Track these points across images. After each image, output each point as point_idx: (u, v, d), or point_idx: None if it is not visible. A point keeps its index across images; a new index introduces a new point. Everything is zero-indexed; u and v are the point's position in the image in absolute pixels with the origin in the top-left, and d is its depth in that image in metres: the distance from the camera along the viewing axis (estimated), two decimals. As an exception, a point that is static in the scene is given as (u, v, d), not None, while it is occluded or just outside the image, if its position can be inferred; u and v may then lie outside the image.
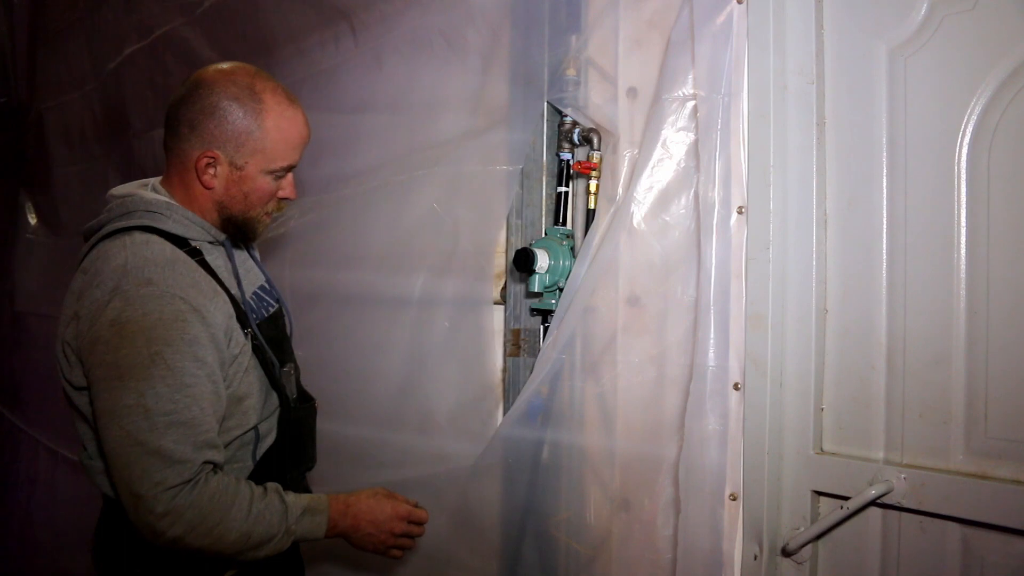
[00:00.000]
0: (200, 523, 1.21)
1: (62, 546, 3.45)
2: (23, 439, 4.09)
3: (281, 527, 1.29)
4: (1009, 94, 1.12)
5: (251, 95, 1.30)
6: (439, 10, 1.80)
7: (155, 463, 1.17)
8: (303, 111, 1.37)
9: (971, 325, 1.15)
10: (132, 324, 1.18)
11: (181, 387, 1.19)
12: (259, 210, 1.38)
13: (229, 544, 1.24)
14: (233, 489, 1.25)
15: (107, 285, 1.22)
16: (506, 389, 1.73)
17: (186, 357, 1.20)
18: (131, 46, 3.03)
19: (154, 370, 1.18)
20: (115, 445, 1.19)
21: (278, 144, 1.32)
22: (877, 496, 1.18)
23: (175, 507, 1.18)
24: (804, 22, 1.30)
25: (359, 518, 1.40)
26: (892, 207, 1.23)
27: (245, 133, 1.30)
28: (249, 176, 1.33)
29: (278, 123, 1.32)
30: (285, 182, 1.38)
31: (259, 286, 1.46)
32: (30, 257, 4.20)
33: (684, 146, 1.41)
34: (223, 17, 2.49)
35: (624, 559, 1.47)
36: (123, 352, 1.18)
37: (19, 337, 4.28)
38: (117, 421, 1.18)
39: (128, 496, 1.20)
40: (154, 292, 1.21)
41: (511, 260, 1.65)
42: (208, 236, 1.36)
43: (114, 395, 1.18)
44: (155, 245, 1.27)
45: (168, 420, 1.18)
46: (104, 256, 1.27)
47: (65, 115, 3.77)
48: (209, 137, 1.30)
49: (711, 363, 1.34)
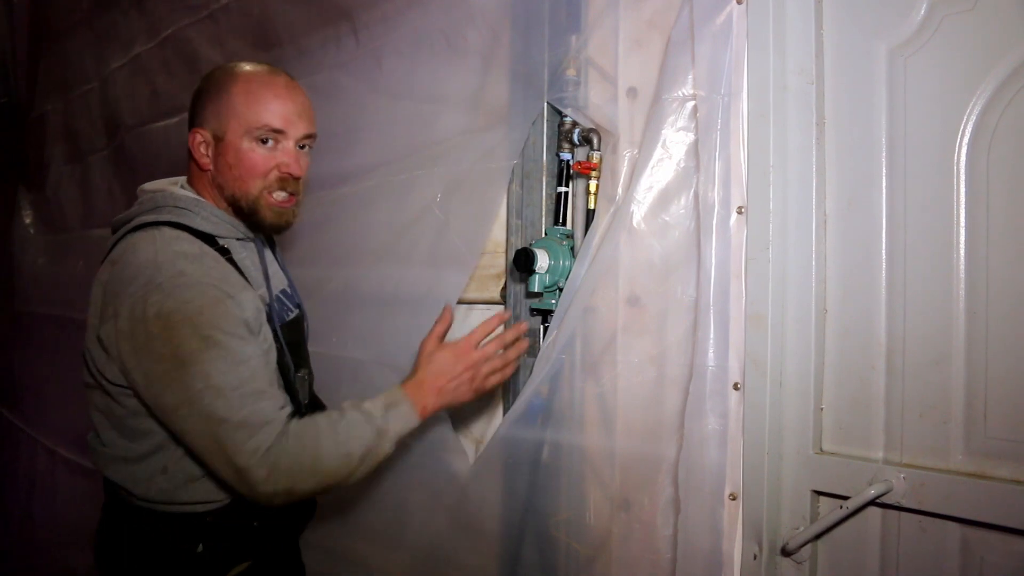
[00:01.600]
0: (298, 467, 1.22)
1: (61, 545, 3.45)
2: (22, 439, 4.09)
3: (372, 432, 1.28)
4: (1009, 94, 1.12)
5: (228, 73, 1.35)
6: (440, 10, 1.80)
7: (243, 434, 1.18)
8: (288, 79, 1.37)
9: (971, 325, 1.15)
10: (176, 314, 1.19)
11: (239, 362, 1.21)
12: (257, 185, 1.33)
13: (335, 471, 1.25)
14: (311, 423, 1.26)
15: (140, 280, 1.22)
16: (506, 389, 1.73)
17: (234, 336, 1.22)
18: (139, 47, 3.04)
19: (210, 352, 1.19)
20: (200, 430, 1.20)
21: (249, 105, 1.31)
22: (877, 496, 1.18)
23: (272, 464, 1.19)
24: (804, 22, 1.31)
25: (437, 384, 1.38)
26: (892, 207, 1.23)
27: (218, 102, 1.33)
28: (231, 144, 1.32)
29: (247, 86, 1.33)
30: (282, 153, 1.33)
31: (281, 290, 1.47)
32: (29, 257, 4.20)
33: (684, 146, 1.41)
34: (228, 18, 2.50)
35: (624, 559, 1.47)
36: (175, 342, 1.19)
37: (18, 336, 4.28)
38: (194, 408, 1.19)
39: (232, 474, 1.21)
40: (189, 281, 1.22)
41: (511, 260, 1.65)
42: (237, 233, 1.37)
43: (181, 385, 1.19)
44: (184, 241, 1.28)
45: (241, 393, 1.19)
46: (133, 248, 1.28)
47: (65, 115, 3.78)
48: (196, 118, 1.35)
49: (711, 363, 1.34)
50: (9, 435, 4.29)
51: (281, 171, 1.34)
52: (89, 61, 3.47)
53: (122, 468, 1.33)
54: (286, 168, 1.34)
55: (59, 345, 3.63)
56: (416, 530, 1.83)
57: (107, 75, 3.30)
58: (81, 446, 3.34)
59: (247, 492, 1.22)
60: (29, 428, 4.03)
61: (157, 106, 2.94)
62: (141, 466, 1.31)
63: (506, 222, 1.73)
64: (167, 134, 2.85)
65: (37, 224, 4.19)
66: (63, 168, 3.81)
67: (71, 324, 3.47)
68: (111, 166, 3.35)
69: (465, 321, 1.84)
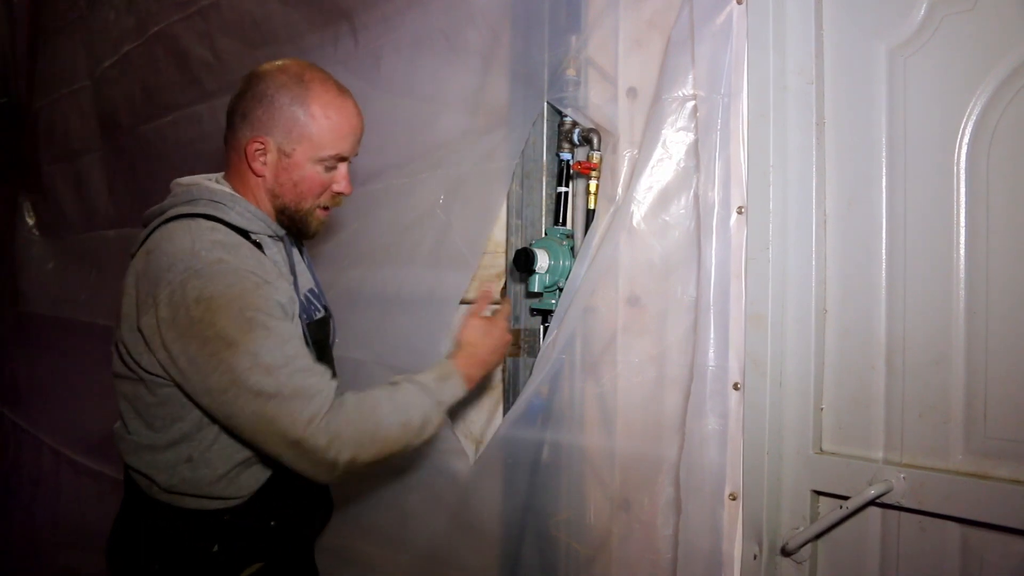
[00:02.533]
0: (361, 436, 1.23)
1: (65, 545, 3.46)
2: (25, 439, 4.10)
3: (428, 402, 1.31)
4: (1009, 94, 1.12)
5: (299, 82, 1.33)
6: (440, 10, 1.80)
7: (297, 405, 1.19)
8: (354, 102, 1.38)
9: (970, 325, 1.15)
10: (219, 297, 1.20)
11: (284, 341, 1.22)
12: (311, 202, 1.38)
13: (396, 439, 1.27)
14: (368, 395, 1.28)
15: (179, 267, 1.22)
16: (506, 389, 1.73)
17: (276, 317, 1.23)
18: (129, 45, 3.03)
19: (256, 332, 1.19)
20: (252, 409, 1.19)
21: (325, 132, 1.33)
22: (877, 496, 1.18)
23: (333, 433, 1.20)
24: (804, 22, 1.30)
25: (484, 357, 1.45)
26: (892, 207, 1.23)
27: (291, 119, 1.32)
28: (297, 164, 1.34)
29: (325, 111, 1.33)
30: (338, 175, 1.39)
31: (308, 289, 1.48)
32: (31, 257, 4.21)
33: (684, 146, 1.41)
34: (222, 16, 2.49)
35: (624, 559, 1.47)
36: (220, 324, 1.19)
37: (22, 337, 4.28)
38: (243, 387, 1.19)
39: (288, 449, 1.20)
40: (228, 267, 1.23)
41: (511, 260, 1.65)
42: (269, 230, 1.37)
43: (228, 365, 1.19)
44: (220, 232, 1.29)
45: (289, 370, 1.20)
46: (169, 237, 1.28)
47: (57, 113, 3.77)
48: (258, 124, 1.33)
49: (711, 363, 1.34)
50: (13, 436, 4.29)
51: (335, 191, 1.40)
52: (81, 59, 3.46)
53: (147, 456, 1.32)
54: (339, 189, 1.40)
55: (63, 347, 3.64)
56: (416, 530, 1.84)
57: (99, 73, 3.29)
58: (85, 446, 3.35)
59: (307, 467, 1.22)
60: (33, 429, 4.04)
61: (150, 105, 2.94)
62: (166, 455, 1.31)
63: (506, 222, 1.73)
64: (162, 133, 2.84)
65: (39, 225, 4.20)
66: (52, 167, 3.81)
67: (74, 326, 3.47)
68: (107, 166, 3.35)
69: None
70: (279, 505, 1.35)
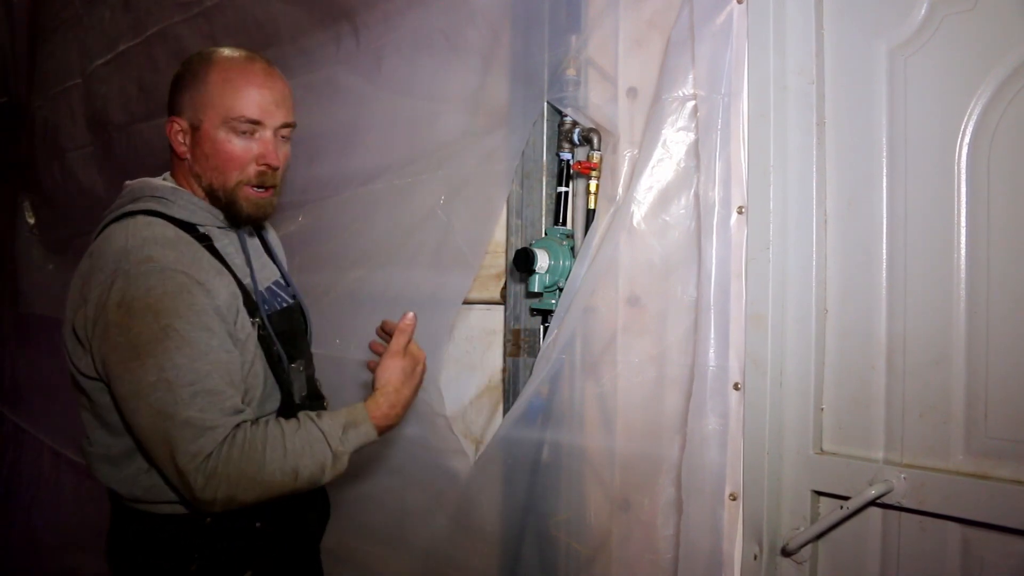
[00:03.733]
0: (240, 477, 1.18)
1: (66, 546, 3.45)
2: (26, 440, 4.10)
3: (327, 453, 1.25)
4: (1009, 94, 1.12)
5: (204, 59, 1.33)
6: (441, 10, 1.80)
7: (187, 434, 1.15)
8: (265, 67, 1.33)
9: (971, 325, 1.15)
10: (138, 301, 1.17)
11: (198, 356, 1.17)
12: (234, 177, 1.31)
13: (279, 486, 1.21)
14: (262, 433, 1.21)
15: (108, 267, 1.21)
16: (506, 389, 1.73)
17: (196, 327, 1.18)
18: (125, 43, 3.02)
19: (168, 343, 1.16)
20: (147, 423, 1.17)
21: (226, 94, 1.29)
22: (877, 496, 1.18)
23: (211, 471, 1.16)
24: (804, 22, 1.30)
25: (403, 397, 1.36)
26: (892, 207, 1.23)
27: (194, 90, 1.31)
28: (207, 134, 1.30)
29: (224, 74, 1.31)
30: (259, 144, 1.31)
31: (274, 281, 1.45)
32: (31, 257, 4.21)
33: (684, 146, 1.41)
34: (223, 15, 2.49)
35: (624, 559, 1.47)
36: (135, 331, 1.16)
37: (22, 338, 4.28)
38: (143, 400, 1.16)
39: (174, 474, 1.18)
40: (155, 268, 1.19)
41: (511, 260, 1.65)
42: (217, 221, 1.35)
43: (135, 375, 1.17)
44: (156, 227, 1.26)
45: (192, 390, 1.16)
46: (107, 238, 1.27)
47: (52, 112, 3.77)
48: (173, 107, 1.34)
49: (711, 363, 1.34)
50: (12, 436, 4.29)
51: (259, 163, 1.32)
52: (74, 57, 3.46)
53: (107, 468, 1.31)
54: (263, 159, 1.32)
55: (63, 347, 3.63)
56: (416, 530, 1.84)
57: (90, 71, 3.28)
58: (83, 446, 3.35)
59: (186, 494, 1.19)
60: (32, 429, 4.04)
61: (146, 104, 2.94)
62: (124, 465, 1.29)
63: (506, 222, 1.73)
64: (160, 132, 2.84)
65: (39, 225, 4.19)
66: (51, 165, 3.80)
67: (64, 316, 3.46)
68: (98, 164, 3.34)
69: (465, 321, 1.84)
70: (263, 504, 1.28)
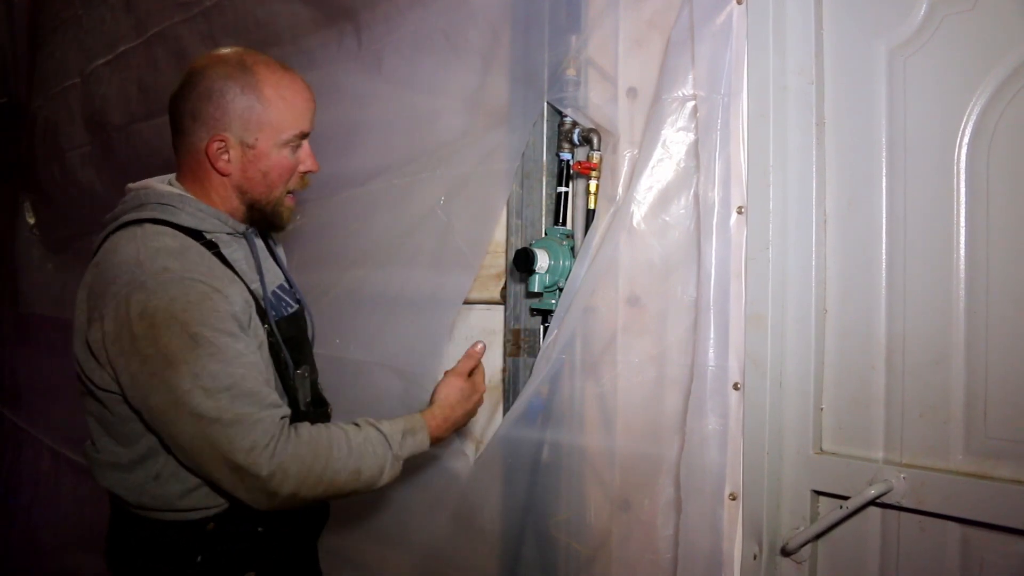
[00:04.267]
0: (307, 473, 1.18)
1: (66, 546, 3.45)
2: (25, 440, 4.10)
3: (387, 455, 1.27)
4: (1008, 94, 1.12)
5: (243, 70, 1.28)
6: (441, 10, 1.80)
7: (238, 431, 1.15)
8: (300, 76, 1.34)
9: (971, 325, 1.15)
10: (162, 312, 1.15)
11: (230, 361, 1.17)
12: (281, 190, 1.34)
13: (342, 485, 1.23)
14: (325, 432, 1.23)
15: (123, 279, 1.19)
16: (506, 389, 1.73)
17: (223, 333, 1.18)
18: (126, 44, 3.02)
19: (199, 351, 1.15)
20: (191, 431, 1.16)
21: (283, 112, 1.29)
22: (877, 496, 1.19)
23: (278, 464, 1.16)
24: (804, 22, 1.30)
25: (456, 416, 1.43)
26: (892, 207, 1.23)
27: (247, 109, 1.27)
28: (263, 153, 1.30)
29: (277, 91, 1.29)
30: (303, 154, 1.34)
31: (278, 285, 1.44)
32: (32, 258, 4.21)
33: (684, 146, 1.41)
34: (223, 15, 2.49)
35: (624, 559, 1.47)
36: (163, 341, 1.15)
37: (22, 338, 4.28)
38: (184, 409, 1.15)
39: (228, 475, 1.17)
40: (173, 278, 1.18)
41: (511, 260, 1.65)
42: (225, 228, 1.33)
43: (170, 385, 1.15)
44: (166, 236, 1.25)
45: (231, 394, 1.15)
46: (114, 248, 1.25)
47: (52, 112, 3.77)
48: (213, 122, 1.28)
49: (711, 363, 1.34)
50: (12, 436, 4.29)
51: (301, 171, 1.35)
52: (73, 57, 3.45)
53: (115, 475, 1.30)
54: (306, 168, 1.35)
55: (63, 347, 3.63)
56: (416, 530, 1.84)
57: (89, 71, 3.28)
58: (84, 446, 3.35)
59: (246, 494, 1.18)
60: (32, 429, 4.04)
61: (145, 104, 2.94)
62: (133, 473, 1.28)
63: (506, 222, 1.73)
64: (159, 132, 2.84)
65: (39, 225, 4.19)
66: (53, 166, 3.80)
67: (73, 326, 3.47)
68: (96, 163, 3.34)
69: (465, 321, 1.84)
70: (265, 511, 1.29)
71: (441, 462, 1.77)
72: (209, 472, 1.20)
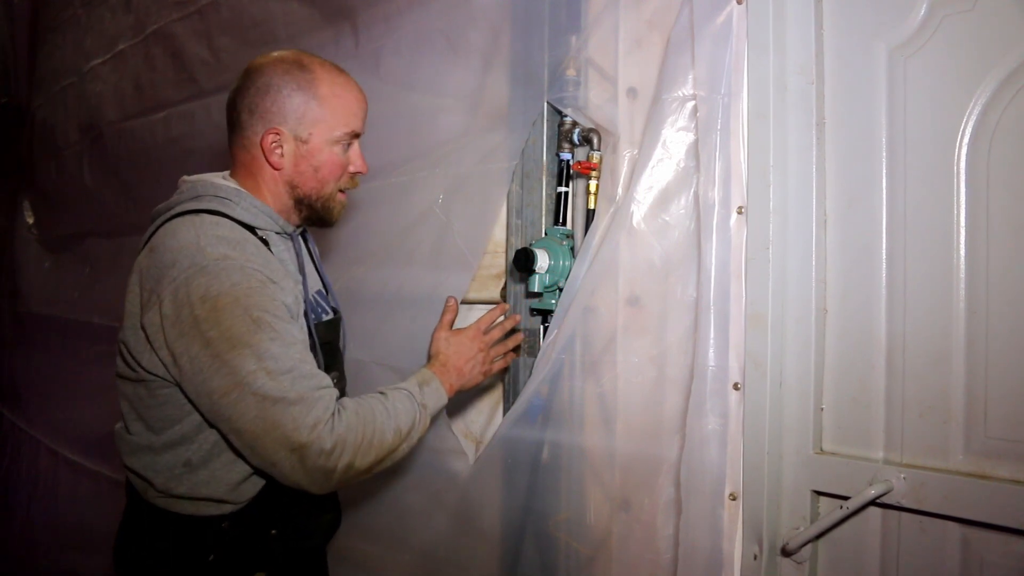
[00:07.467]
0: (361, 441, 1.23)
1: (64, 546, 3.45)
2: (24, 439, 4.09)
3: (415, 407, 1.34)
4: (1008, 94, 1.12)
5: (301, 68, 1.33)
6: (441, 10, 1.80)
7: (301, 410, 1.17)
8: (354, 80, 1.39)
9: (971, 325, 1.15)
10: (224, 296, 1.17)
11: (290, 345, 1.21)
12: (332, 187, 1.38)
13: (390, 445, 1.28)
14: (364, 401, 1.29)
15: (182, 263, 1.20)
16: (506, 389, 1.73)
17: (283, 319, 1.22)
18: (124, 43, 3.03)
19: (262, 334, 1.17)
20: (255, 413, 1.17)
21: (337, 110, 1.34)
22: (877, 496, 1.19)
23: (338, 438, 1.20)
24: (804, 22, 1.31)
25: (457, 364, 1.48)
26: (892, 207, 1.23)
27: (303, 104, 1.32)
28: (316, 148, 1.34)
29: (332, 89, 1.34)
30: (353, 154, 1.39)
31: (316, 291, 1.47)
32: (30, 257, 4.21)
33: (684, 146, 1.41)
34: (219, 14, 2.49)
35: (624, 559, 1.47)
36: (225, 324, 1.17)
37: (20, 337, 4.28)
38: (246, 389, 1.16)
39: (288, 454, 1.17)
40: (234, 264, 1.20)
41: (511, 260, 1.65)
42: (275, 227, 1.36)
43: (232, 366, 1.17)
44: (225, 227, 1.27)
45: (292, 376, 1.18)
46: (173, 234, 1.26)
47: (50, 111, 3.77)
48: (269, 115, 1.32)
49: (711, 363, 1.34)
50: (11, 436, 4.29)
51: (351, 171, 1.40)
52: (71, 56, 3.46)
53: (145, 457, 1.31)
54: (355, 168, 1.40)
55: (61, 346, 3.64)
56: (416, 530, 1.84)
57: (87, 70, 3.28)
58: (83, 446, 3.35)
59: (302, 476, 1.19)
60: (30, 429, 4.04)
61: (140, 102, 2.94)
62: (164, 456, 1.30)
63: (506, 222, 1.73)
64: (152, 129, 2.84)
65: (38, 224, 4.19)
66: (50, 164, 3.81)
67: (73, 326, 3.47)
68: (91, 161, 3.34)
69: (465, 320, 1.84)
70: (280, 513, 1.33)
71: (441, 462, 1.77)
72: (268, 455, 1.19)
